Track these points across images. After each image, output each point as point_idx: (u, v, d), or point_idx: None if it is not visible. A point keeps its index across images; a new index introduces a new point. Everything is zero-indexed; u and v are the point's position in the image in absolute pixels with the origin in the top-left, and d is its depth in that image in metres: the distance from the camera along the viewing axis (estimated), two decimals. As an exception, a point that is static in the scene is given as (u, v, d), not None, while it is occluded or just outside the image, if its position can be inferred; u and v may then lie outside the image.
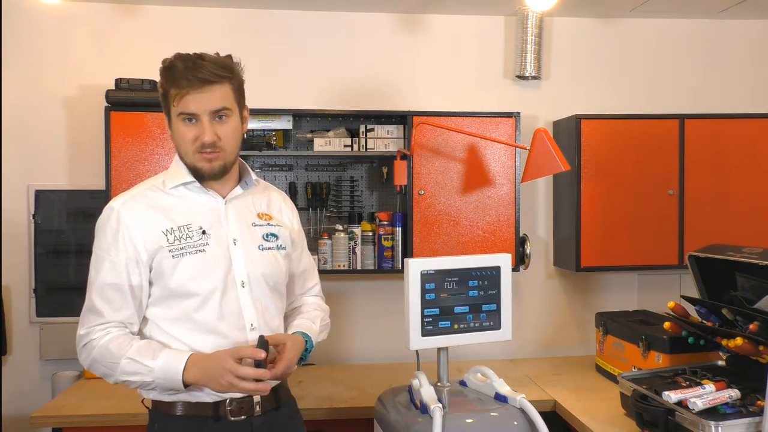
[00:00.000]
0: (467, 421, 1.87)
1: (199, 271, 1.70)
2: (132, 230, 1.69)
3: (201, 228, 1.74)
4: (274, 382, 1.75)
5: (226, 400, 1.71)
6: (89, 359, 1.68)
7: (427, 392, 1.88)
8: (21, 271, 3.10)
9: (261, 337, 1.67)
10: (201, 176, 1.75)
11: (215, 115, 1.69)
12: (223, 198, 1.79)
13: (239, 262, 1.75)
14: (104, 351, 1.65)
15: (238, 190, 1.82)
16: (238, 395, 1.70)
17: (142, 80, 2.84)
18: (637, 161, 3.06)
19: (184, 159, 1.75)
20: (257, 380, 1.61)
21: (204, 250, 1.71)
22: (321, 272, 2.94)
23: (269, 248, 1.82)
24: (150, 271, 1.70)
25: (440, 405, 1.81)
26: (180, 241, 1.70)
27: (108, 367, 1.65)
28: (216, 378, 1.61)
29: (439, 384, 2.02)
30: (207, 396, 1.70)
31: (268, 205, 1.90)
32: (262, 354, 1.62)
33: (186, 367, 1.62)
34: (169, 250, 1.69)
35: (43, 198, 3.11)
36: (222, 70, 1.68)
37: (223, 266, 1.73)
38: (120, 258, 1.68)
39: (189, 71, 1.65)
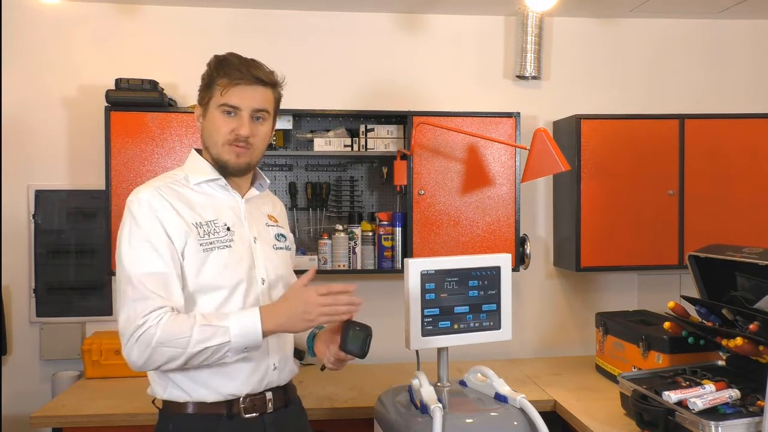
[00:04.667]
0: (467, 421, 1.87)
1: (227, 266, 1.71)
2: (165, 221, 1.68)
3: (226, 224, 1.76)
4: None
5: (240, 398, 1.72)
6: (151, 347, 1.59)
7: (427, 392, 1.88)
8: (21, 271, 3.10)
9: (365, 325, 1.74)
10: (225, 170, 1.77)
11: (255, 114, 1.75)
12: (242, 197, 1.83)
13: (260, 260, 1.78)
14: (169, 331, 1.59)
15: (254, 191, 1.87)
16: (250, 390, 1.72)
17: (142, 80, 2.84)
18: (637, 161, 3.06)
19: (211, 151, 1.77)
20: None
21: (230, 246, 1.73)
22: (321, 272, 2.97)
23: (281, 248, 1.87)
24: (183, 260, 1.69)
25: (440, 405, 1.81)
26: (209, 236, 1.72)
27: (178, 345, 1.58)
28: (300, 314, 1.63)
29: (439, 384, 2.02)
30: (219, 395, 1.71)
31: (273, 208, 1.96)
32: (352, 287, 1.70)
33: (262, 319, 1.62)
34: (200, 244, 1.69)
35: (43, 198, 3.11)
36: (273, 76, 1.78)
37: (248, 263, 1.76)
38: (162, 245, 1.66)
39: (244, 66, 1.73)
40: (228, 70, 1.72)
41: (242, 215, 1.81)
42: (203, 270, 1.69)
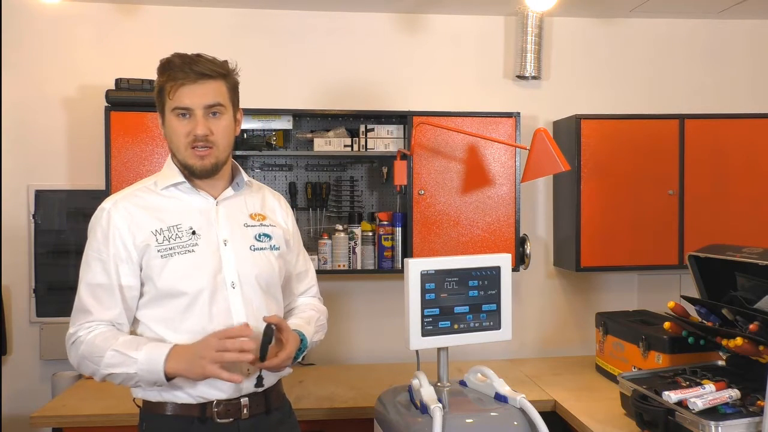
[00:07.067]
0: (467, 421, 1.87)
1: (187, 271, 1.70)
2: (122, 230, 1.70)
3: (191, 228, 1.74)
4: (270, 373, 1.74)
5: (213, 402, 1.70)
6: (77, 357, 1.68)
7: (427, 392, 1.88)
8: (21, 271, 3.10)
9: (269, 325, 1.65)
10: (193, 174, 1.75)
11: (209, 111, 1.71)
12: (215, 199, 1.80)
13: (229, 263, 1.75)
14: (90, 346, 1.65)
15: (229, 191, 1.83)
16: (225, 396, 1.70)
17: (142, 80, 2.84)
18: (637, 161, 3.06)
19: (176, 156, 1.75)
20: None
21: (193, 251, 1.72)
22: (321, 272, 2.97)
23: (261, 248, 1.81)
24: (140, 271, 1.71)
25: (440, 405, 1.80)
26: (169, 242, 1.71)
27: (94, 362, 1.64)
28: (197, 360, 1.58)
29: (439, 384, 2.02)
30: (191, 398, 1.70)
31: (262, 205, 1.90)
32: (249, 331, 1.62)
33: (168, 357, 1.60)
34: (158, 250, 1.69)
35: (43, 198, 3.11)
36: (218, 67, 1.73)
37: (213, 267, 1.73)
38: (110, 258, 1.69)
39: (186, 65, 1.69)
40: (171, 72, 1.69)
41: (212, 217, 1.78)
42: (162, 276, 1.69)
